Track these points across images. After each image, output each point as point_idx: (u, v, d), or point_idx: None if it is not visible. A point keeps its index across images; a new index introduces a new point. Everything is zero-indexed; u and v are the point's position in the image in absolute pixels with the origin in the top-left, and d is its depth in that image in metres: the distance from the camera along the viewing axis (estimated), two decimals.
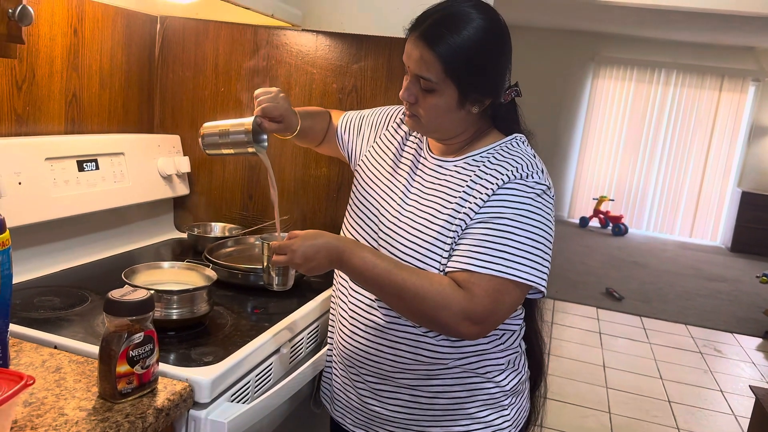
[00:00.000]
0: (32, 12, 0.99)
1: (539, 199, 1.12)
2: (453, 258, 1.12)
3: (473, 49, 1.09)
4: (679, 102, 8.38)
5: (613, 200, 8.59)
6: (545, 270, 1.11)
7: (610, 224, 8.36)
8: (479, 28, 1.10)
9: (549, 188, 1.14)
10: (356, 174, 1.39)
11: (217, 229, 1.96)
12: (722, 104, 8.26)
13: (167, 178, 1.90)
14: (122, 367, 0.98)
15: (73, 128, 1.67)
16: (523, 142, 1.22)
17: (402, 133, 1.36)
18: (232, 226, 1.96)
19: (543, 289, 1.11)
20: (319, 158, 1.89)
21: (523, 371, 1.30)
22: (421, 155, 1.30)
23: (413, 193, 1.25)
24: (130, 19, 1.83)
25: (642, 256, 7.16)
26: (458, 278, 1.10)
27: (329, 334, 1.40)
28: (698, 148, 8.40)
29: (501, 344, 1.22)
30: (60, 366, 1.08)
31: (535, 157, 1.19)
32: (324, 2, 1.86)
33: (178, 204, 2.05)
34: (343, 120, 1.48)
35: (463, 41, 1.08)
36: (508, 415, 1.24)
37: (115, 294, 0.99)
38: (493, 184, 1.13)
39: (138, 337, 0.99)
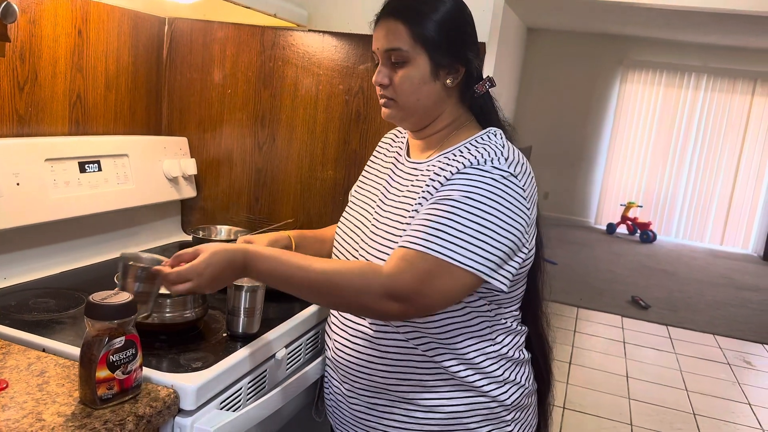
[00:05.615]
0: (16, 9, 0.98)
1: (496, 184, 1.04)
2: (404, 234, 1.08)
3: (437, 12, 1.11)
4: (710, 106, 8.18)
5: (641, 206, 8.42)
6: (493, 258, 1.02)
7: (638, 231, 8.19)
8: None
9: (513, 175, 1.06)
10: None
11: (224, 231, 1.94)
12: (755, 108, 8.04)
13: (173, 180, 1.88)
14: (102, 372, 0.95)
15: (77, 130, 1.67)
16: (494, 135, 1.16)
17: (384, 148, 1.36)
18: (238, 228, 1.94)
19: (491, 279, 1.03)
20: (325, 161, 1.86)
21: (526, 384, 1.23)
22: (399, 161, 1.27)
23: (390, 199, 1.21)
24: (137, 21, 1.82)
25: (670, 264, 6.99)
26: (394, 255, 1.04)
27: (326, 343, 1.36)
28: (729, 154, 8.19)
29: (495, 353, 1.17)
30: (45, 370, 1.06)
31: (504, 147, 1.11)
32: (330, 2, 1.84)
33: (185, 206, 2.04)
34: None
35: (426, 7, 1.12)
36: (512, 431, 1.19)
37: (96, 297, 0.97)
38: (448, 171, 1.09)
39: (119, 341, 0.96)
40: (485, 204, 1.03)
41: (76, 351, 1.11)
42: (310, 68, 1.83)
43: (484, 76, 1.20)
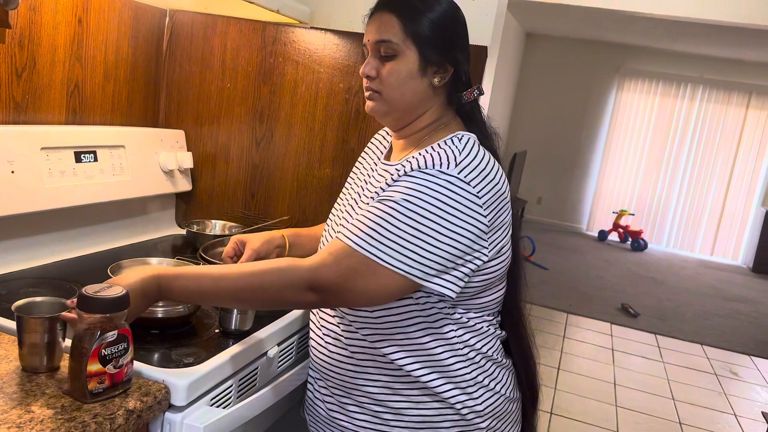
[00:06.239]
0: None
1: (439, 189, 1.02)
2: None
3: (432, 10, 1.11)
4: (705, 117, 8.22)
5: (633, 215, 8.46)
6: (430, 263, 1.01)
7: (630, 239, 8.23)
8: None
9: (462, 180, 1.03)
10: None
11: (218, 226, 1.93)
12: (749, 121, 8.09)
13: (169, 173, 1.87)
14: (94, 366, 0.94)
15: (74, 119, 1.65)
16: (459, 139, 1.11)
17: (372, 148, 1.35)
18: (233, 224, 1.93)
19: (426, 283, 1.02)
20: (323, 159, 1.85)
21: (503, 391, 1.20)
22: (378, 163, 1.26)
23: (363, 203, 1.19)
24: (138, 12, 1.80)
25: (660, 273, 7.03)
26: (325, 248, 1.05)
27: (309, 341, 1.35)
28: (722, 165, 8.24)
29: (464, 356, 1.14)
30: None
31: (462, 151, 1.07)
32: (333, 0, 1.83)
33: (180, 200, 2.03)
34: None
35: (421, 3, 1.11)
36: None
37: (89, 289, 0.96)
38: (398, 173, 1.08)
39: (112, 335, 0.95)
40: (424, 208, 1.01)
41: (66, 343, 1.10)
42: (310, 66, 1.82)
43: (477, 84, 1.19)
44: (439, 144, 1.12)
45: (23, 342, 1.00)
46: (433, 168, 1.04)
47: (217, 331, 1.28)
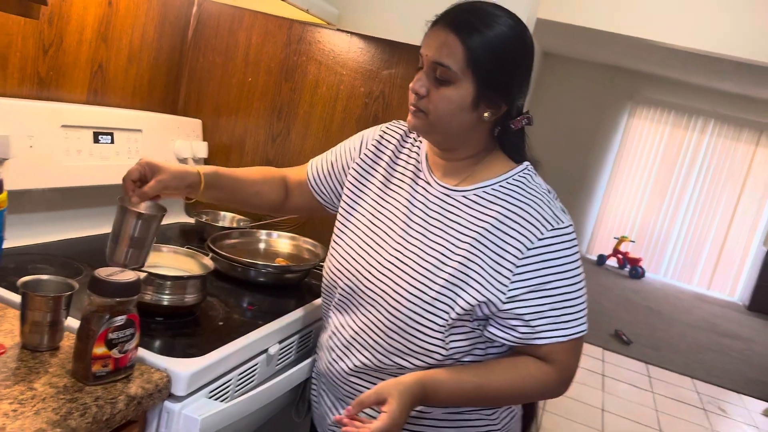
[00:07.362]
0: None
1: (572, 243, 1.09)
2: (516, 331, 1.08)
3: (499, 45, 1.04)
4: (713, 151, 8.23)
5: (633, 242, 8.45)
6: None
7: (628, 265, 8.22)
8: (508, 27, 1.06)
9: (573, 227, 1.11)
10: (340, 210, 1.30)
11: (227, 218, 1.94)
12: (757, 159, 8.09)
13: (182, 162, 1.87)
14: (99, 349, 0.94)
15: (95, 99, 1.66)
16: (535, 175, 1.16)
17: (389, 152, 1.27)
18: (241, 217, 1.93)
19: None
20: None
21: (516, 410, 1.23)
22: (420, 177, 1.19)
23: (416, 223, 1.14)
24: None
25: (656, 302, 7.02)
26: (538, 353, 1.10)
27: (320, 354, 1.30)
28: (727, 201, 8.24)
29: None
30: None
31: (549, 192, 1.14)
32: (362, 5, 1.84)
33: None
34: (313, 165, 1.40)
35: (490, 33, 1.03)
36: None
37: (102, 272, 0.96)
38: (525, 237, 1.07)
39: (120, 319, 0.96)
40: (576, 267, 1.09)
41: (72, 323, 1.11)
42: (333, 67, 1.83)
43: (527, 113, 1.16)
44: (522, 183, 1.13)
45: (26, 319, 1.00)
46: (558, 224, 1.08)
47: (220, 323, 1.28)
